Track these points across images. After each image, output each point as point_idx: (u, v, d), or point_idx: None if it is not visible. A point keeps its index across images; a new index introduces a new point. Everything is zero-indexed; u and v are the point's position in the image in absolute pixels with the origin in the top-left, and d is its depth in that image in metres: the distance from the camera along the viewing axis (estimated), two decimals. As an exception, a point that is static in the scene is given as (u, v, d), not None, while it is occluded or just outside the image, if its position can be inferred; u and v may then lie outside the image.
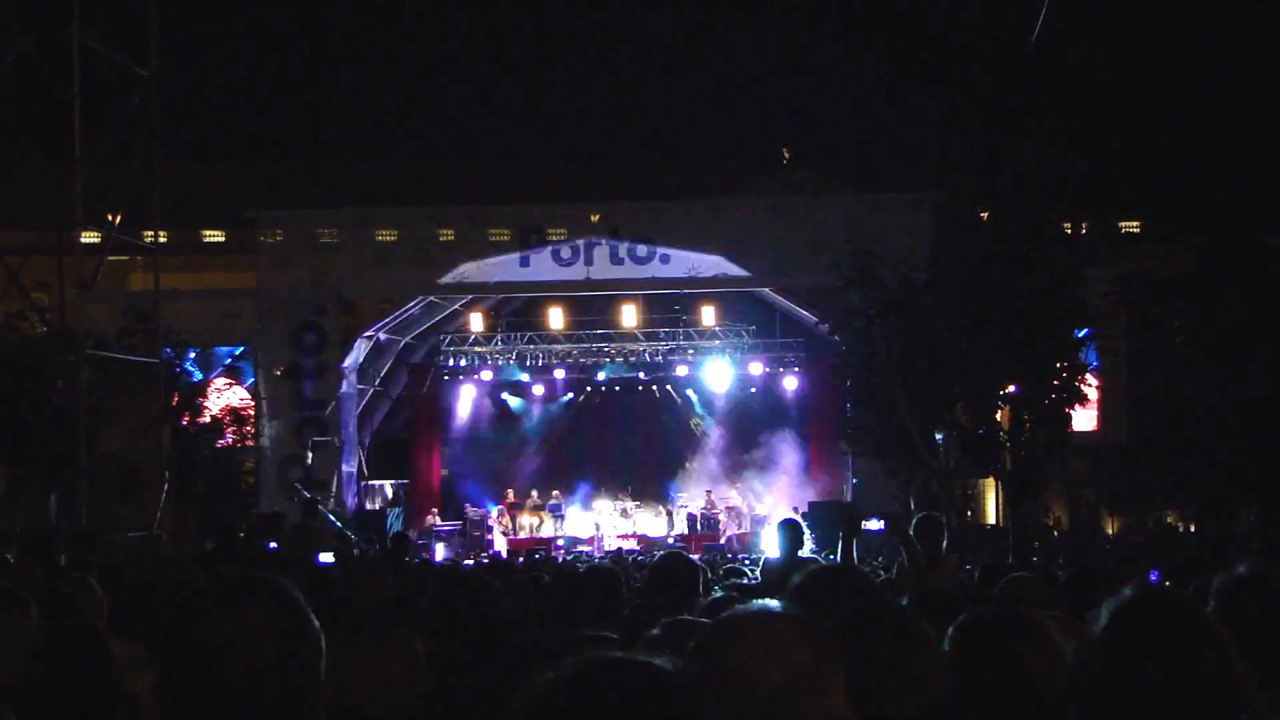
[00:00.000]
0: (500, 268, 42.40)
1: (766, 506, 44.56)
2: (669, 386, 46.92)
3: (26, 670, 5.85)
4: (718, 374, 45.87)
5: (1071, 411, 34.93)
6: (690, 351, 45.24)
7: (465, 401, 47.35)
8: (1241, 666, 4.14)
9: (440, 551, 40.02)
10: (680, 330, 45.00)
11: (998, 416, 35.02)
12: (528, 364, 45.71)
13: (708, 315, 44.07)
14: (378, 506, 44.15)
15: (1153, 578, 14.34)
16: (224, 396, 42.52)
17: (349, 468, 43.00)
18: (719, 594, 9.49)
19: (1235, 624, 4.89)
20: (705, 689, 3.33)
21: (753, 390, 46.71)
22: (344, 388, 42.90)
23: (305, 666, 3.56)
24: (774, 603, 3.88)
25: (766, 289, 43.80)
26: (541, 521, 44.38)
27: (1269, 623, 5.19)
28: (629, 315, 43.89)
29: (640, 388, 46.63)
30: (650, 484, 47.02)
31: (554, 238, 42.30)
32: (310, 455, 41.62)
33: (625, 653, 3.11)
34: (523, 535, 43.33)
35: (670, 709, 2.69)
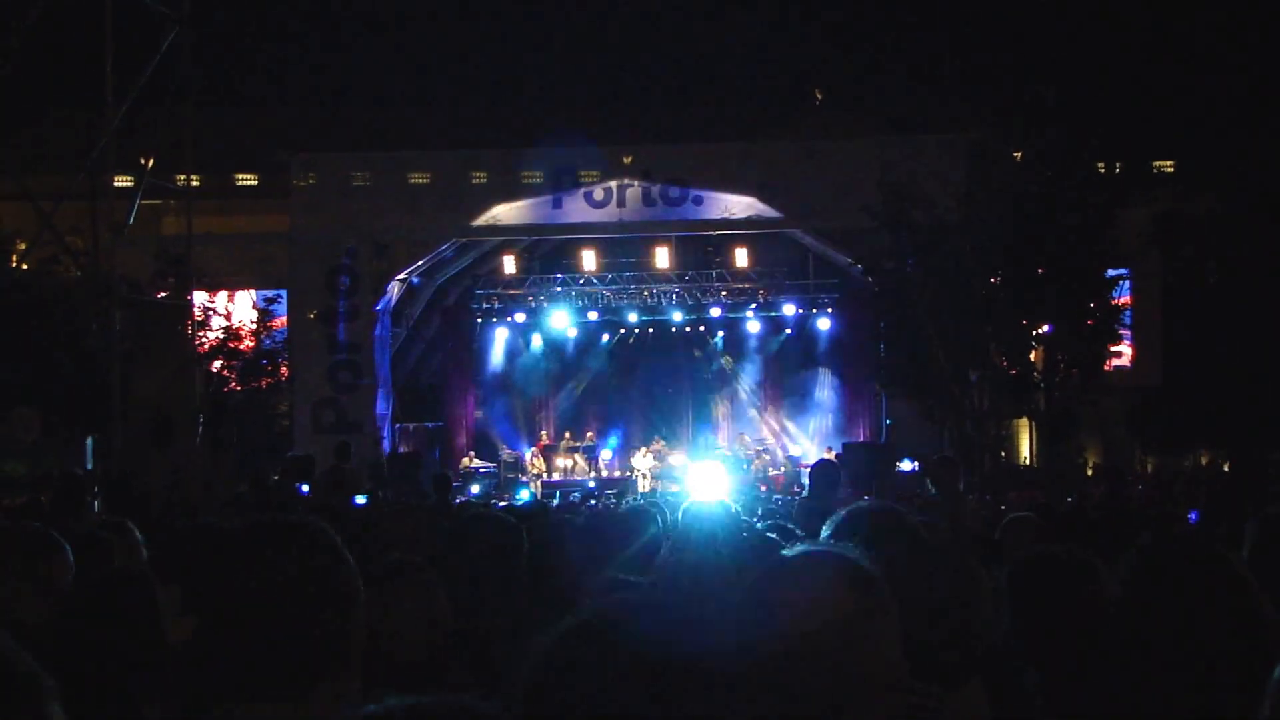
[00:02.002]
0: (533, 210, 42.35)
1: (801, 448, 44.61)
2: (702, 328, 46.91)
3: (62, 613, 5.88)
4: (751, 316, 45.87)
5: (1105, 352, 34.85)
6: (724, 293, 45.21)
7: (498, 344, 47.44)
8: (1270, 611, 4.13)
9: (476, 492, 40.11)
10: (713, 272, 44.95)
11: (1031, 357, 34.94)
12: (561, 306, 45.71)
13: (741, 257, 43.98)
14: (411, 449, 44.21)
15: (1191, 518, 14.33)
16: (256, 340, 42.61)
17: (382, 410, 43.06)
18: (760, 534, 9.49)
19: (1268, 565, 4.88)
20: (757, 630, 3.33)
21: (787, 332, 46.72)
22: (377, 331, 42.92)
23: (344, 610, 3.57)
24: (826, 544, 3.88)
25: (799, 230, 43.70)
26: (575, 464, 44.48)
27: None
28: (662, 257, 43.85)
29: (674, 329, 46.62)
30: (684, 426, 47.10)
31: (586, 180, 42.21)
32: (344, 398, 41.70)
33: (646, 593, 3.11)
34: (557, 477, 43.43)
35: (686, 651, 2.68)
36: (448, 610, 5.69)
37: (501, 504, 25.07)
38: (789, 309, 45.53)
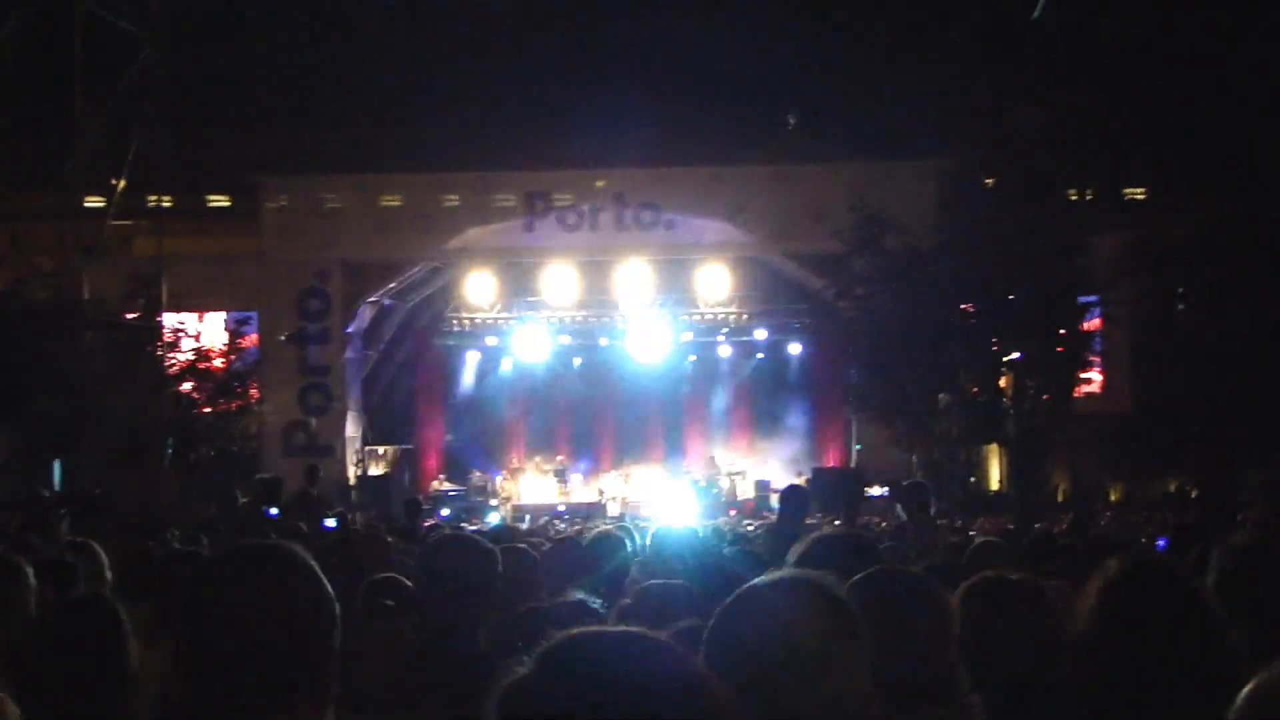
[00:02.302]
0: (505, 233, 42.42)
1: (771, 472, 44.62)
2: (673, 352, 46.91)
3: (25, 638, 5.85)
4: (723, 340, 45.93)
5: (1075, 378, 34.95)
6: (695, 317, 45.25)
7: (470, 367, 47.40)
8: (1235, 640, 4.14)
9: (446, 515, 40.05)
10: (685, 296, 44.99)
11: (1001, 383, 35.02)
12: (532, 329, 45.71)
13: (713, 281, 44.05)
14: (382, 471, 44.15)
15: (1160, 545, 14.35)
16: (226, 363, 42.54)
17: (353, 433, 43.04)
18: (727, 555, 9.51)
19: (1234, 594, 4.89)
20: (727, 657, 3.34)
21: (758, 356, 46.77)
22: (348, 353, 42.94)
23: (322, 635, 3.57)
24: (793, 571, 3.89)
25: (771, 255, 43.80)
26: (545, 487, 44.46)
27: (1268, 593, 5.19)
28: (634, 281, 43.86)
29: (644, 353, 46.60)
30: (655, 450, 47.09)
31: (559, 203, 42.29)
32: (314, 420, 41.66)
33: (616, 623, 3.10)
34: (527, 500, 43.39)
35: (651, 682, 2.67)
36: (414, 634, 5.69)
37: (472, 527, 25.03)
38: (760, 333, 45.61)
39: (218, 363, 42.09)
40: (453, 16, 45.68)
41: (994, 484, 41.93)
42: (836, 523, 23.63)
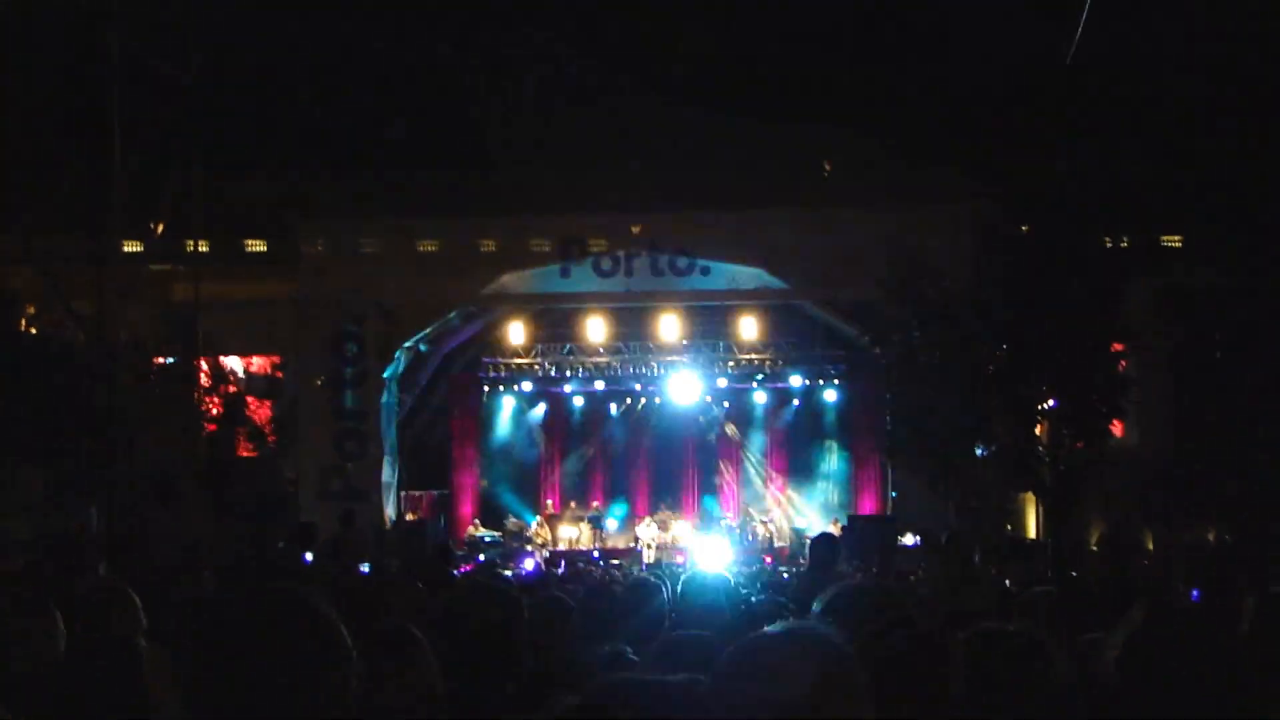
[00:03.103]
0: (541, 278, 42.47)
1: (807, 520, 44.57)
2: (709, 398, 46.91)
3: (50, 676, 5.86)
4: (757, 386, 45.91)
5: (1111, 427, 34.81)
6: (730, 364, 45.25)
7: (505, 412, 47.46)
8: (1261, 686, 4.11)
9: (481, 560, 40.02)
10: (720, 342, 45.01)
11: (1037, 431, 34.89)
12: (568, 375, 45.77)
13: (747, 327, 44.08)
14: (417, 517, 44.14)
15: (1194, 597, 14.27)
16: (264, 406, 42.59)
17: (388, 478, 43.06)
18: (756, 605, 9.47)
19: (1266, 644, 4.87)
20: (725, 706, 3.33)
21: (794, 403, 46.72)
22: (384, 398, 42.99)
23: (335, 682, 3.55)
24: (802, 621, 3.88)
25: (806, 301, 43.79)
26: (580, 533, 44.46)
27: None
28: (669, 327, 43.90)
29: (679, 400, 46.61)
30: (690, 496, 47.07)
31: (595, 249, 42.33)
32: (349, 465, 41.71)
33: (644, 673, 3.11)
34: (562, 546, 43.38)
35: None
36: (441, 682, 5.67)
37: (507, 573, 25.05)
38: (795, 380, 45.57)
39: (254, 407, 42.21)
40: (491, 64, 45.86)
41: (1030, 532, 41.75)
42: (873, 570, 23.61)
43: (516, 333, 44.92)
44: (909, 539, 36.46)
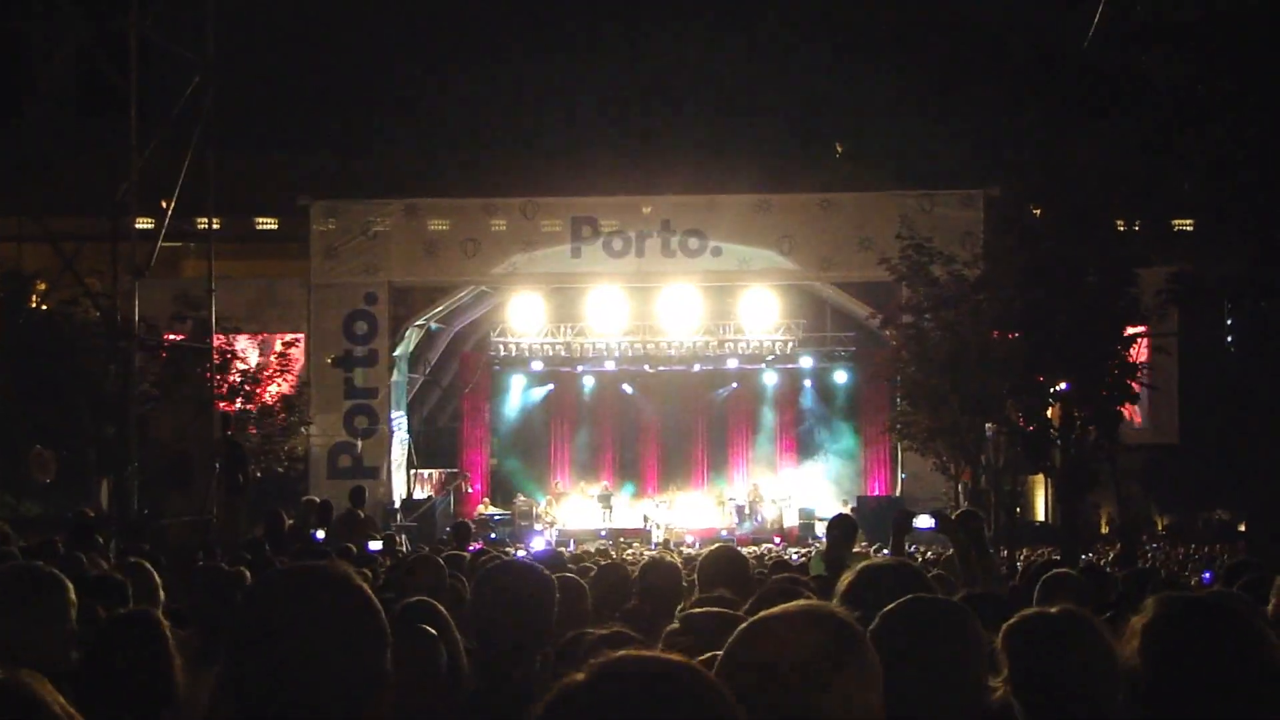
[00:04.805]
0: (552, 258, 42.48)
1: (816, 500, 44.55)
2: (719, 379, 46.91)
3: (67, 652, 5.89)
4: (768, 367, 45.88)
5: (1122, 410, 34.78)
6: (740, 345, 45.20)
7: (515, 391, 47.47)
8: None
9: (491, 538, 40.05)
10: (731, 323, 44.98)
11: (1048, 413, 34.87)
12: (578, 355, 45.73)
13: (758, 308, 44.03)
14: (426, 495, 44.20)
15: (1205, 579, 14.29)
16: (275, 384, 42.63)
17: (398, 456, 43.11)
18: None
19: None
20: (729, 682, 3.36)
21: (804, 383, 46.71)
22: (394, 376, 43.04)
23: (373, 657, 3.56)
24: (803, 603, 3.90)
25: (817, 282, 43.78)
26: (590, 512, 44.46)
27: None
28: (680, 308, 43.86)
29: (690, 380, 46.64)
30: (699, 476, 47.09)
31: (606, 229, 42.32)
32: (360, 443, 41.77)
33: (650, 651, 3.12)
34: (571, 524, 43.39)
35: (689, 708, 2.71)
36: (463, 659, 5.70)
37: (519, 552, 25.02)
38: (806, 361, 45.52)
39: (265, 385, 42.25)
40: (503, 47, 45.87)
41: (1039, 514, 41.79)
42: (885, 552, 23.64)
43: (527, 312, 44.89)
44: (924, 520, 36.40)
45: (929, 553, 27.65)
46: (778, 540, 39.83)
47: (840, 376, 45.92)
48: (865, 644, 3.58)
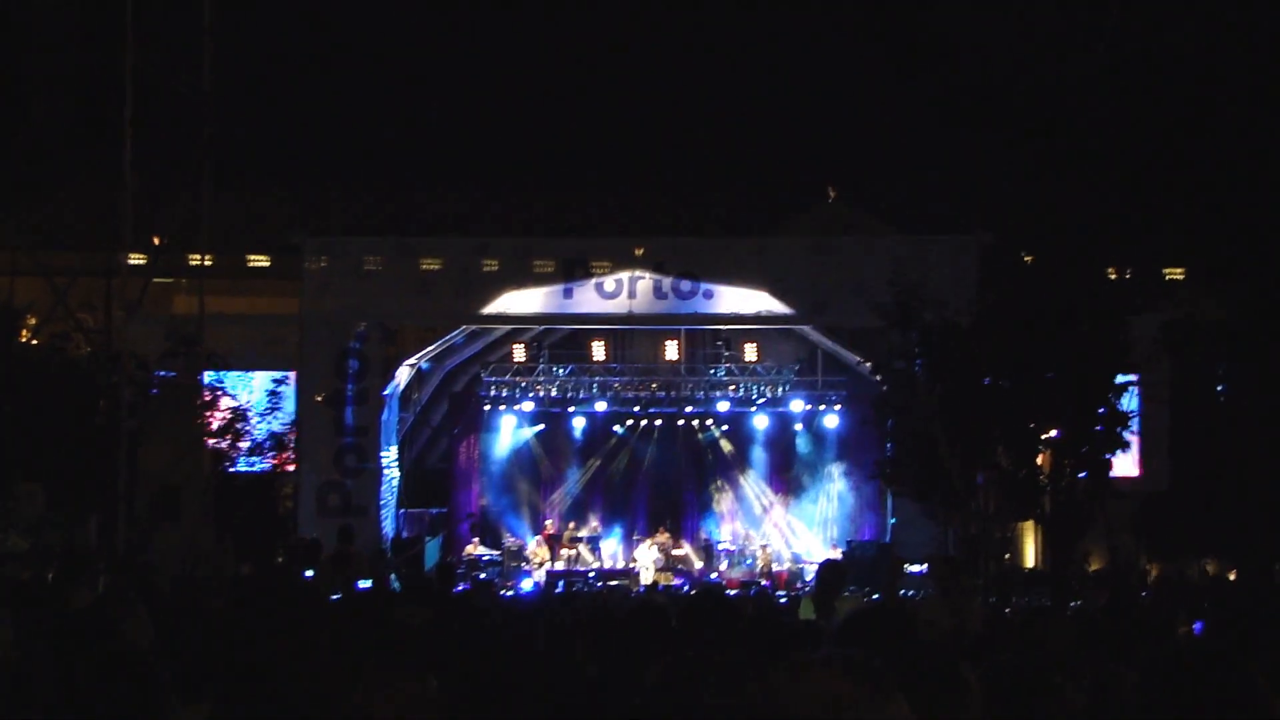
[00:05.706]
0: (543, 299, 42.44)
1: (805, 544, 44.55)
2: (709, 422, 46.90)
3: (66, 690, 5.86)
4: (758, 410, 45.89)
5: (1112, 457, 34.81)
6: (731, 387, 45.22)
7: (505, 431, 47.39)
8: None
9: (480, 579, 40.00)
10: (722, 366, 45.03)
11: (1038, 460, 34.90)
12: (569, 396, 45.74)
13: (750, 352, 44.13)
14: (415, 534, 44.12)
15: (1196, 629, 14.28)
16: (265, 421, 42.58)
17: (387, 495, 43.04)
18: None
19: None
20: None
21: (794, 428, 46.70)
22: (384, 415, 42.97)
23: (352, 696, 3.55)
24: (822, 650, 3.89)
25: (809, 327, 43.81)
26: (578, 554, 44.38)
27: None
28: (671, 350, 43.94)
29: (680, 422, 46.65)
30: (688, 519, 47.04)
31: (598, 270, 42.31)
32: (349, 482, 41.68)
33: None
34: (560, 566, 43.31)
35: None
36: (437, 695, 5.69)
37: (506, 593, 25.06)
38: (797, 405, 45.52)
39: (255, 422, 42.22)
40: (497, 85, 45.98)
41: (1029, 561, 41.76)
42: (875, 596, 23.66)
43: (518, 353, 44.93)
44: (914, 568, 36.37)
45: (917, 597, 27.66)
46: (766, 583, 39.80)
47: (831, 421, 45.87)
48: (898, 693, 3.59)
